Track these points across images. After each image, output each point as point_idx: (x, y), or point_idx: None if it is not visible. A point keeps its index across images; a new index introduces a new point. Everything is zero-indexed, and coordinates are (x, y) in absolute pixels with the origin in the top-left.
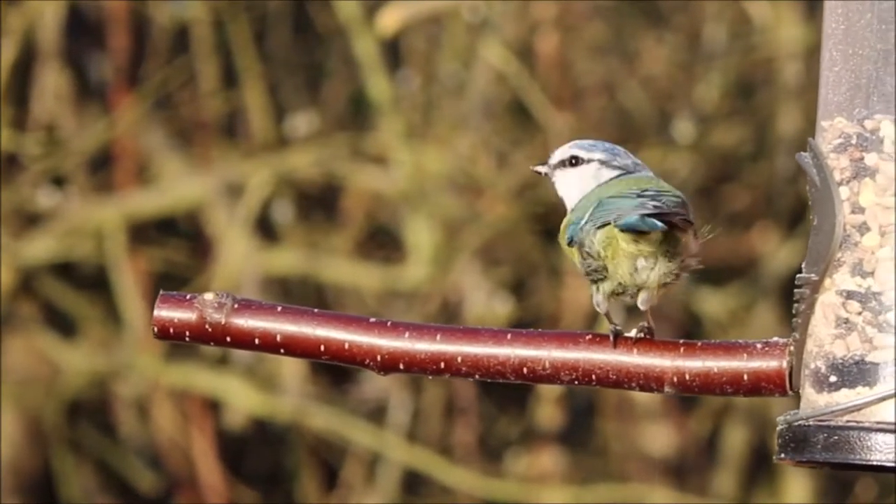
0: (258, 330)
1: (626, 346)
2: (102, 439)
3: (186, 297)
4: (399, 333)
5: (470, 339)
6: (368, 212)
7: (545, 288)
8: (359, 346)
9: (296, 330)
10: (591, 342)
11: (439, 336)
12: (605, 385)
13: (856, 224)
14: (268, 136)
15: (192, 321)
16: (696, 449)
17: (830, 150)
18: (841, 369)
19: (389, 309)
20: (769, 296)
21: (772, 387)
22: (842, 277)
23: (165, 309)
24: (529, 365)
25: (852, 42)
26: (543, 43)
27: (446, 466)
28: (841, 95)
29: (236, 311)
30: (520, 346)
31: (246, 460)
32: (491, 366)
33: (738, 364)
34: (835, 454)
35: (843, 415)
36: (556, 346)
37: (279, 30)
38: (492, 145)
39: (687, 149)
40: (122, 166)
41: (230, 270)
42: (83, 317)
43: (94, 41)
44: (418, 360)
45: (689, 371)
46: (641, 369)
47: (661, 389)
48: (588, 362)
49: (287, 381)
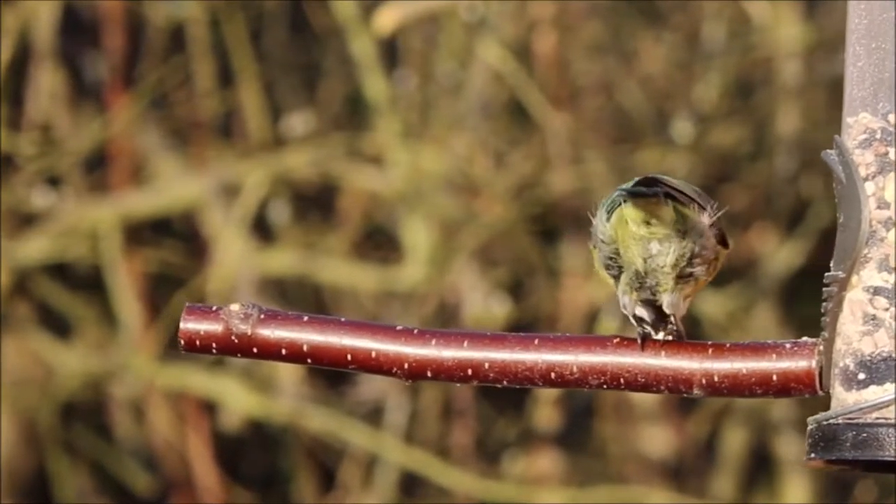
0: (285, 340)
1: (654, 348)
2: (97, 441)
3: (212, 308)
4: (426, 341)
5: (497, 345)
6: (365, 212)
7: (543, 289)
8: (385, 355)
9: (322, 339)
10: (619, 345)
11: (466, 343)
12: (633, 389)
13: (882, 219)
14: (264, 136)
15: (218, 333)
16: (695, 451)
17: (855, 146)
18: (869, 366)
19: (387, 310)
20: (769, 297)
21: (801, 387)
22: (868, 274)
23: (192, 321)
24: (557, 370)
25: (875, 36)
26: (541, 42)
27: (443, 468)
28: (865, 91)
29: (262, 322)
30: (547, 352)
31: (242, 462)
32: (519, 371)
33: (768, 365)
34: (864, 451)
35: (872, 412)
36: (584, 351)
37: (275, 29)
38: (489, 145)
39: (685, 149)
40: (117, 166)
41: (226, 271)
42: (78, 318)
43: (90, 40)
44: (446, 367)
45: (717, 373)
46: (670, 372)
47: (689, 392)
48: (616, 366)
49: (283, 382)
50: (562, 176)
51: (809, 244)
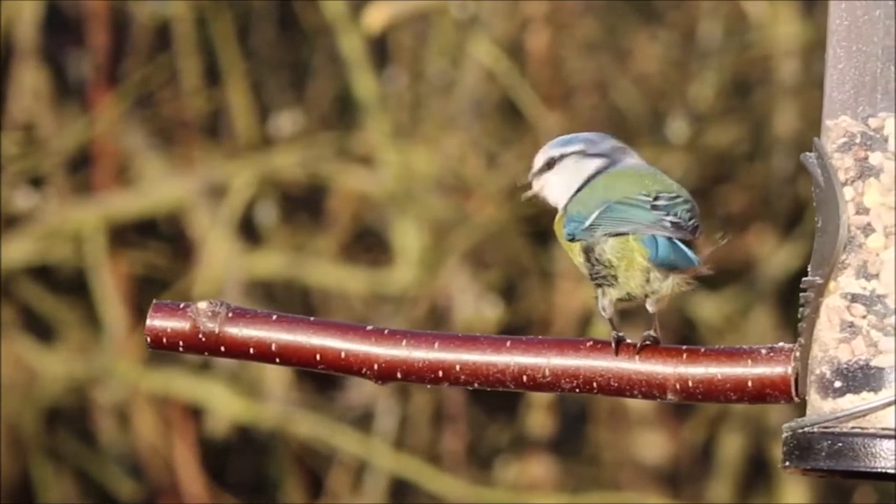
0: (253, 339)
1: (628, 352)
2: (81, 447)
3: (180, 305)
4: (396, 341)
5: (469, 346)
6: (354, 213)
7: (536, 291)
8: (355, 355)
9: (291, 339)
10: (592, 349)
11: (437, 344)
12: (606, 393)
13: (860, 225)
14: (251, 135)
15: (185, 331)
16: (691, 457)
17: (835, 149)
18: (846, 374)
19: (377, 313)
20: (766, 300)
21: (777, 393)
22: (846, 280)
23: (158, 318)
24: (529, 373)
25: (856, 38)
26: (534, 40)
27: (434, 474)
28: (845, 93)
29: (230, 320)
30: (519, 354)
31: (229, 468)
32: (490, 374)
33: (743, 370)
34: (839, 461)
35: (848, 421)
36: (557, 354)
37: (263, 27)
38: (481, 145)
39: (681, 149)
40: (101, 167)
41: (213, 274)
42: (61, 321)
43: (74, 38)
44: (416, 368)
45: (692, 378)
46: (643, 376)
47: (663, 397)
48: (589, 370)
49: (271, 386)
50: None
51: (808, 246)
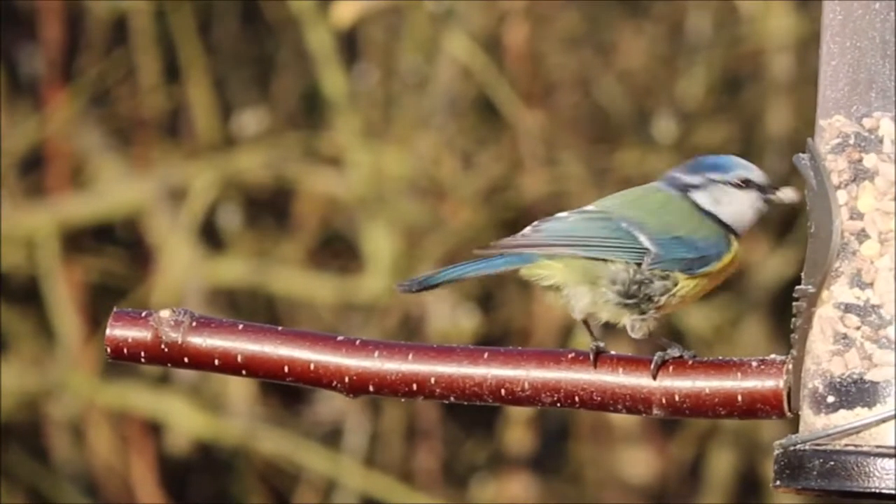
0: (218, 349)
1: (611, 364)
2: (34, 464)
3: (141, 314)
4: (368, 352)
5: (444, 358)
6: (323, 217)
7: (515, 300)
8: (325, 367)
9: (258, 349)
10: (574, 361)
11: (411, 355)
12: (588, 407)
13: (854, 231)
14: (213, 135)
15: (147, 340)
16: (679, 475)
17: (828, 150)
18: (839, 389)
19: (346, 323)
20: (757, 309)
21: (769, 408)
22: (840, 289)
23: (119, 327)
24: (507, 386)
25: (851, 33)
26: (512, 34)
27: (407, 494)
28: (839, 92)
29: (194, 330)
30: (497, 366)
31: (189, 487)
32: (467, 387)
33: (732, 384)
34: (831, 481)
35: (841, 438)
36: (536, 366)
37: (226, 20)
38: (456, 145)
39: (668, 149)
40: (55, 168)
41: (172, 281)
42: (13, 332)
43: (25, 32)
44: (389, 381)
45: (678, 392)
46: (627, 390)
47: (649, 412)
48: (570, 383)
49: (234, 401)
50: (534, 178)
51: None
